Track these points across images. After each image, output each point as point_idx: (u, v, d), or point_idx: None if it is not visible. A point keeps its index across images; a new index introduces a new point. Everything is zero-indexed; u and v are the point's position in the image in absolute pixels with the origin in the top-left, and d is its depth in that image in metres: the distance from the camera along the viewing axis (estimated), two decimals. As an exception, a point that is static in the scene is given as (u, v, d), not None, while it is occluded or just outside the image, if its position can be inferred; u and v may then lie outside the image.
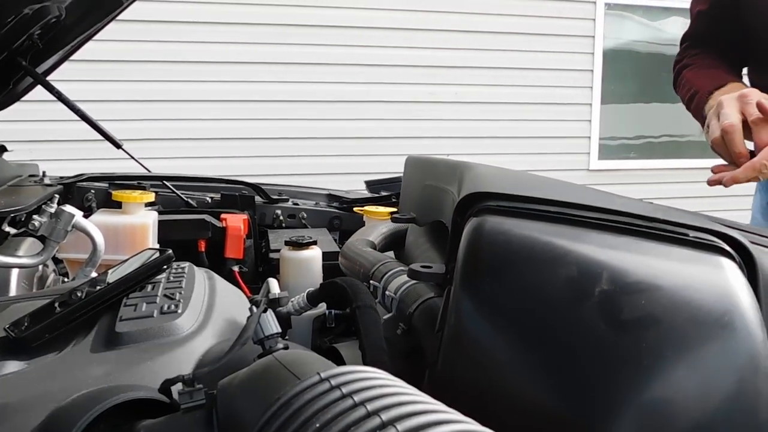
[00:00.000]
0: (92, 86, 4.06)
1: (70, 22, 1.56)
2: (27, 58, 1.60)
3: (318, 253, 1.37)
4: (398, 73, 4.83)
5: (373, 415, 0.41)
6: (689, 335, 0.63)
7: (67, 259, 1.43)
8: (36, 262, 1.17)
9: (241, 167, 4.02)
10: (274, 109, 4.58)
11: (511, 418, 0.62)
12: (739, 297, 0.65)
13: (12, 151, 1.89)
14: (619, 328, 0.63)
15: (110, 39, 3.65)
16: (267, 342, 0.59)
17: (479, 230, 0.70)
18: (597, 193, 0.89)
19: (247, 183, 1.92)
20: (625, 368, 0.62)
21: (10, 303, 0.84)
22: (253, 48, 4.50)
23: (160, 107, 4.36)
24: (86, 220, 1.24)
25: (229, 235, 1.63)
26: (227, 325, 0.73)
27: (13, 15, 1.26)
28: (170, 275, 0.84)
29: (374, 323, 0.87)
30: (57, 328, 0.71)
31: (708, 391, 0.62)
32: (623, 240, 0.70)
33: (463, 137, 4.95)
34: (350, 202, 1.97)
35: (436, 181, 1.16)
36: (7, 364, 0.66)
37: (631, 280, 0.65)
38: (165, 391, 0.56)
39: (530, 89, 5.15)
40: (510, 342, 0.66)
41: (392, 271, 1.05)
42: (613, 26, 5.41)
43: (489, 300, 0.68)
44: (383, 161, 3.96)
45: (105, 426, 0.54)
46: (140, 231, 1.46)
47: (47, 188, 1.61)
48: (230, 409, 0.50)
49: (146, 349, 0.65)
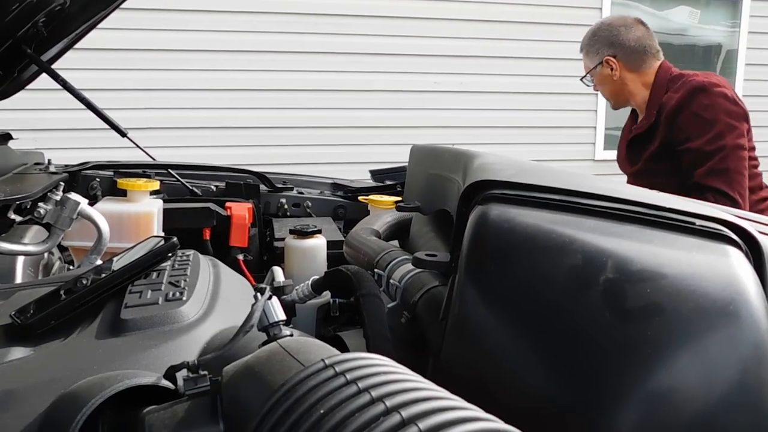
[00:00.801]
0: (97, 75, 4.05)
1: (75, 10, 1.56)
2: (32, 46, 1.60)
3: (322, 242, 1.37)
4: (403, 62, 4.81)
5: (378, 401, 0.41)
6: (694, 324, 0.63)
7: (73, 246, 1.44)
8: (41, 249, 1.17)
9: (246, 156, 4.02)
10: (279, 98, 4.57)
11: (515, 406, 0.62)
12: (745, 286, 0.65)
13: (17, 139, 1.89)
14: (624, 316, 0.63)
15: (115, 27, 3.64)
16: (271, 329, 0.59)
17: (484, 219, 0.70)
18: (602, 182, 0.89)
19: (251, 172, 1.92)
20: (629, 357, 0.62)
21: (16, 290, 0.84)
22: (258, 37, 4.49)
23: (165, 96, 4.35)
24: (91, 208, 1.24)
25: (234, 224, 1.63)
26: (232, 313, 0.73)
27: (18, 3, 1.25)
28: (175, 263, 0.84)
29: (378, 312, 0.87)
30: (62, 315, 0.71)
31: (712, 380, 0.62)
32: (628, 228, 0.69)
33: (468, 127, 4.94)
34: (355, 191, 1.97)
35: (440, 170, 1.16)
36: (13, 350, 0.66)
37: (636, 268, 0.65)
38: (170, 378, 0.56)
39: (536, 79, 5.13)
40: (514, 330, 0.66)
41: (397, 260, 1.05)
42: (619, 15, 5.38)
43: (494, 288, 0.68)
44: (388, 150, 3.95)
45: (110, 412, 0.54)
46: (145, 219, 1.46)
47: (52, 176, 1.61)
48: (235, 396, 0.50)
49: (151, 336, 0.65)
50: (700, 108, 2.08)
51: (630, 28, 2.26)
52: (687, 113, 2.10)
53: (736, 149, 2.07)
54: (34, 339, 0.69)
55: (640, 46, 2.25)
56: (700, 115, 2.08)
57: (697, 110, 2.08)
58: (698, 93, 2.09)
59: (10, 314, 0.71)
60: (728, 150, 2.06)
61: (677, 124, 2.12)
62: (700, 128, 2.08)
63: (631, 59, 2.25)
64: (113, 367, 0.59)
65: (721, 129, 2.06)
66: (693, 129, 2.09)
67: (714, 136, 2.06)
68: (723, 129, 2.06)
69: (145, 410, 0.52)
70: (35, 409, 0.54)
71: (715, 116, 2.07)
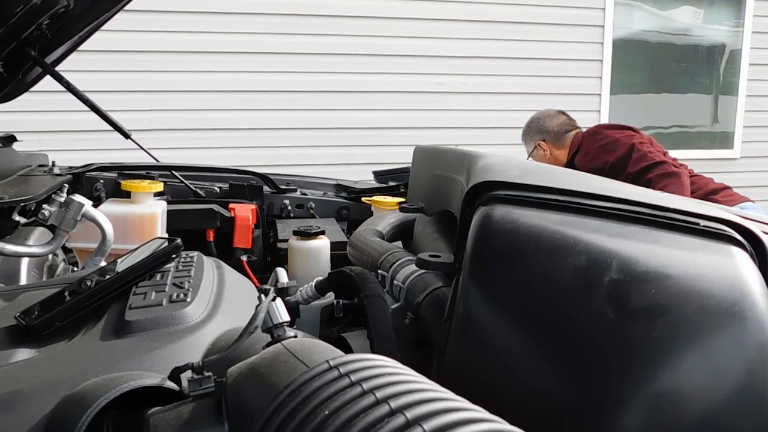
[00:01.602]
0: (101, 76, 4.06)
1: (79, 12, 1.57)
2: (36, 48, 1.60)
3: (326, 243, 1.37)
4: (406, 63, 4.81)
5: (383, 402, 0.41)
6: (699, 325, 0.63)
7: (77, 248, 1.44)
8: (46, 251, 1.18)
9: (250, 158, 4.02)
10: (283, 99, 4.58)
11: (520, 407, 0.62)
12: (749, 287, 0.65)
13: (21, 141, 1.90)
14: (629, 317, 0.62)
15: (119, 29, 3.65)
16: (276, 330, 0.59)
17: (488, 219, 0.70)
18: (606, 183, 0.88)
19: (255, 173, 1.92)
20: (634, 357, 0.61)
21: (21, 292, 0.84)
22: (261, 38, 4.49)
23: (168, 98, 4.36)
24: (95, 210, 1.24)
25: (238, 225, 1.64)
26: (236, 314, 0.73)
27: (22, 5, 1.26)
28: (179, 264, 0.84)
29: (382, 313, 0.87)
30: (67, 316, 0.71)
31: (717, 381, 0.62)
32: (633, 229, 0.69)
33: (471, 127, 4.93)
34: (358, 192, 1.97)
35: (444, 170, 1.16)
36: (17, 351, 0.66)
37: (640, 269, 0.64)
38: (174, 379, 0.56)
39: (539, 79, 5.12)
40: (518, 331, 0.66)
41: (400, 261, 1.05)
42: (622, 16, 5.36)
43: (498, 289, 0.68)
44: (391, 151, 3.95)
45: (114, 413, 0.54)
46: (149, 220, 1.46)
47: (57, 178, 1.62)
48: (239, 397, 0.50)
49: (155, 338, 0.65)
50: (596, 141, 2.70)
51: (553, 117, 2.94)
52: (589, 149, 2.71)
53: (640, 144, 2.58)
54: (38, 340, 0.69)
55: (561, 129, 2.89)
56: (600, 143, 2.67)
57: (596, 143, 2.69)
58: (588, 136, 2.76)
59: (15, 316, 0.71)
60: (635, 145, 2.56)
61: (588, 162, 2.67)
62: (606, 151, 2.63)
63: (556, 140, 2.88)
64: (118, 368, 0.59)
65: (616, 137, 2.63)
66: (602, 155, 2.63)
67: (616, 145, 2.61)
68: (618, 137, 2.63)
69: (150, 411, 0.52)
70: (40, 410, 0.54)
71: (607, 136, 2.67)
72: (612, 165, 2.57)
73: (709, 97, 5.70)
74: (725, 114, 5.69)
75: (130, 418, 0.54)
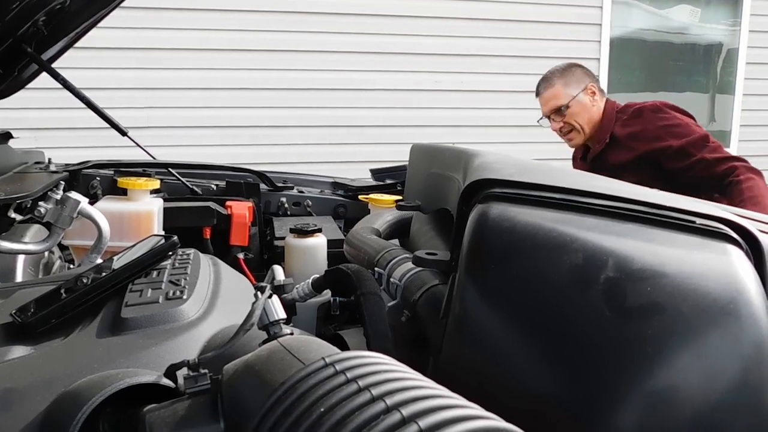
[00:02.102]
0: (97, 73, 4.05)
1: (75, 9, 1.56)
2: (32, 45, 1.60)
3: (323, 241, 1.37)
4: (404, 61, 4.80)
5: (378, 399, 0.41)
6: (695, 323, 0.63)
7: (73, 245, 1.44)
8: (42, 248, 1.17)
9: (246, 155, 4.02)
10: (280, 97, 4.57)
11: (515, 405, 0.62)
12: (745, 285, 0.65)
13: (18, 138, 1.89)
14: (625, 315, 0.63)
15: (115, 26, 3.64)
16: (272, 327, 0.59)
17: (484, 217, 0.70)
18: (603, 181, 0.89)
19: (252, 170, 1.92)
20: (629, 355, 0.61)
21: (17, 289, 0.84)
22: (258, 36, 4.48)
23: (165, 95, 4.35)
24: (92, 207, 1.24)
25: (234, 223, 1.64)
26: (232, 311, 0.73)
27: (18, 1, 1.25)
28: (175, 261, 0.84)
29: (379, 310, 0.87)
30: (63, 313, 0.71)
31: (713, 379, 0.62)
32: (629, 227, 0.69)
33: (468, 126, 4.93)
34: (355, 190, 1.97)
35: (441, 168, 1.16)
36: (13, 349, 0.66)
37: (636, 267, 0.64)
38: (170, 376, 0.56)
39: (537, 78, 5.11)
40: (515, 329, 0.66)
41: (397, 259, 1.05)
42: (620, 14, 5.37)
43: (494, 287, 0.68)
44: (388, 149, 3.95)
45: (110, 410, 0.54)
46: (145, 218, 1.46)
47: (53, 175, 1.61)
48: (235, 394, 0.50)
49: (151, 335, 0.65)
50: (660, 120, 2.41)
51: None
52: (648, 125, 2.41)
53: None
54: (34, 337, 0.69)
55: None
56: (665, 122, 2.40)
57: (661, 121, 2.40)
58: (650, 111, 2.43)
59: (10, 313, 0.71)
60: (709, 136, 2.35)
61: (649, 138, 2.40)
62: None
63: (602, 93, 2.55)
64: (114, 365, 0.59)
65: (686, 122, 2.39)
66: (666, 137, 2.37)
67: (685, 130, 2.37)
68: (688, 122, 2.39)
69: (146, 409, 0.52)
70: (36, 408, 0.54)
71: (675, 118, 2.40)
72: (679, 149, 2.32)
73: (706, 96, 5.71)
74: (722, 113, 5.70)
75: (126, 416, 0.54)
